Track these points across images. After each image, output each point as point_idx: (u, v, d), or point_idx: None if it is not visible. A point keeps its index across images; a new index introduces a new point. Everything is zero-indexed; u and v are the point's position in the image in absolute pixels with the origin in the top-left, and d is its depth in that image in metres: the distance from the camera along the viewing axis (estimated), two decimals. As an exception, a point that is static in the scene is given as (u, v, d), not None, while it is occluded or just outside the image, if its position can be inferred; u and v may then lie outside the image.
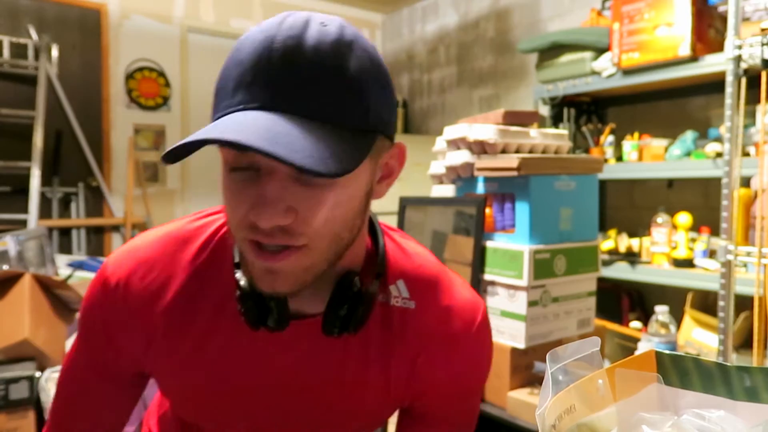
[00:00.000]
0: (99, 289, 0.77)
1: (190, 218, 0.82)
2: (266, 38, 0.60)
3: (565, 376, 0.47)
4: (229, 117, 0.59)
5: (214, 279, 0.76)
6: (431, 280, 0.81)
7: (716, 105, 2.57)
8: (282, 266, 0.63)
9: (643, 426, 0.43)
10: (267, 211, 0.59)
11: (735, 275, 2.00)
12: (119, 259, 0.78)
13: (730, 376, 0.44)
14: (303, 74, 0.59)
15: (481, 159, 1.83)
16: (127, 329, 0.76)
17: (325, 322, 0.71)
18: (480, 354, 0.83)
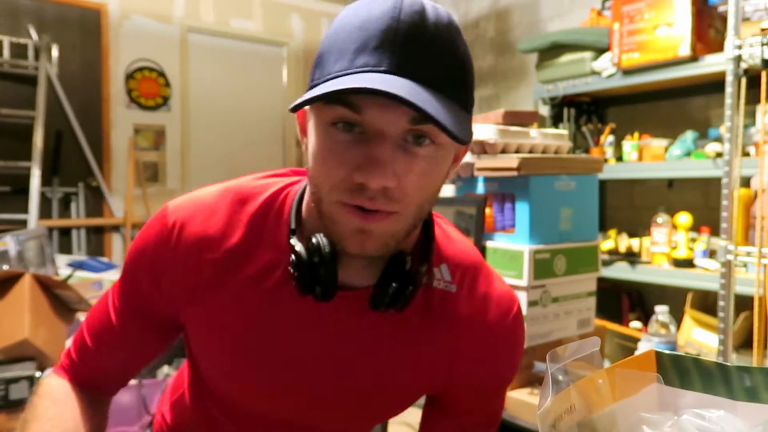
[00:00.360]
0: (156, 228, 0.78)
1: (254, 176, 0.83)
2: (393, 8, 0.61)
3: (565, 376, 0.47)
4: (359, 75, 0.60)
5: (267, 240, 0.76)
6: (473, 267, 0.83)
7: (716, 105, 2.57)
8: (375, 227, 0.65)
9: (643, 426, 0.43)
10: (379, 172, 0.61)
11: (735, 275, 2.00)
12: (181, 202, 0.79)
13: (730, 376, 0.44)
14: (427, 46, 0.62)
15: (481, 159, 1.83)
16: (175, 272, 0.76)
17: (374, 296, 0.72)
18: (513, 345, 0.84)
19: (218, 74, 4.54)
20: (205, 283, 0.76)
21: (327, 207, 0.67)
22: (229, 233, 0.76)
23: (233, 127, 4.60)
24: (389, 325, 0.78)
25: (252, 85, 4.68)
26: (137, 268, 0.80)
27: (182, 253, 0.76)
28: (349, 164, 0.63)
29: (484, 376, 0.83)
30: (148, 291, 0.79)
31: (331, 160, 0.64)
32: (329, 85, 0.59)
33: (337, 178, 0.64)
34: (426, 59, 0.62)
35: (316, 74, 0.66)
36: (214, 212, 0.77)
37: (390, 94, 0.56)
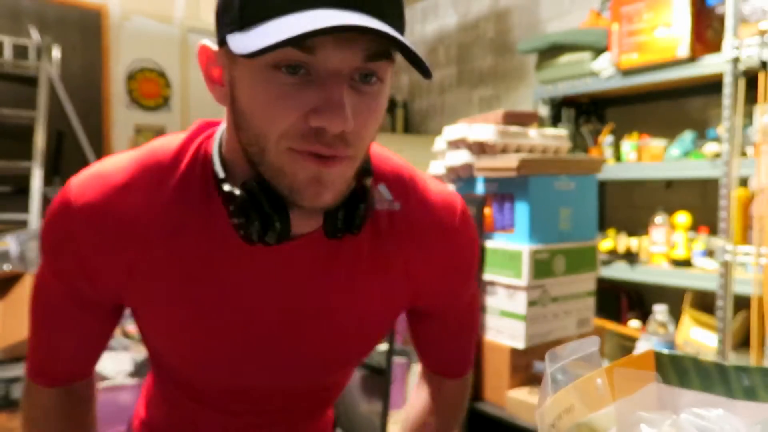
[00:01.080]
0: (65, 217, 0.70)
1: (159, 143, 0.75)
2: None
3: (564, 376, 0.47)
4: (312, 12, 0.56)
5: (197, 202, 0.71)
6: (409, 179, 0.81)
7: (715, 105, 2.57)
8: (332, 173, 0.61)
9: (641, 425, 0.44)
10: (340, 114, 0.57)
11: (733, 275, 2.00)
12: (86, 184, 0.70)
13: (728, 376, 0.44)
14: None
15: (481, 159, 1.84)
16: (103, 259, 0.70)
17: (326, 224, 0.68)
18: (467, 239, 0.84)
19: (218, 74, 4.54)
20: (143, 263, 0.71)
21: (275, 158, 0.61)
22: (151, 205, 0.70)
23: (233, 127, 4.60)
24: (343, 262, 0.75)
25: (252, 85, 4.68)
26: (59, 261, 0.73)
27: (106, 238, 0.69)
28: (302, 108, 0.58)
29: (449, 276, 0.84)
30: (80, 280, 0.73)
31: (279, 105, 0.59)
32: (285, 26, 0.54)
33: (286, 124, 0.59)
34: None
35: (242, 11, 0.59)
36: (131, 189, 0.70)
37: (362, 27, 0.53)
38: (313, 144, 0.59)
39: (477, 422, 1.80)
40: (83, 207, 0.69)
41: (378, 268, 0.77)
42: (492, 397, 1.78)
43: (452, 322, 0.91)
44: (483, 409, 1.78)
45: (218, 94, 0.68)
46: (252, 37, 0.56)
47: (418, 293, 0.82)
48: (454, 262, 0.83)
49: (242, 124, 0.63)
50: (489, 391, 1.79)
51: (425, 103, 4.67)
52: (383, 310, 0.81)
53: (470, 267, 0.87)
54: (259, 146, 0.62)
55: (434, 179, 0.86)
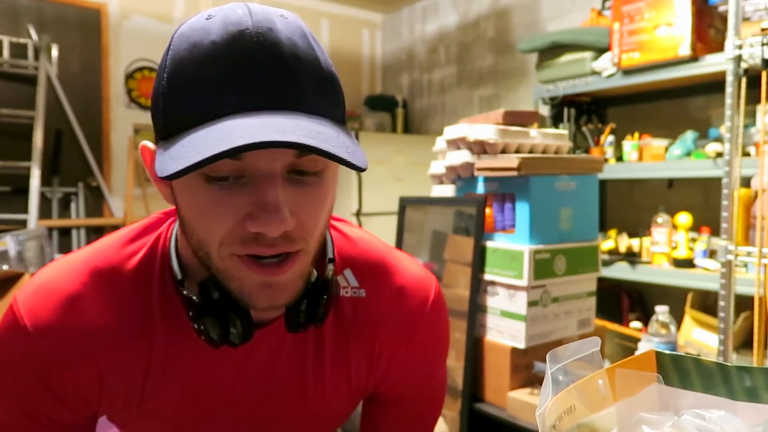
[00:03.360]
0: (16, 337, 0.66)
1: (111, 242, 0.73)
2: (238, 33, 0.55)
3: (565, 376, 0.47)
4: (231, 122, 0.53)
5: (158, 302, 0.69)
6: (378, 264, 0.79)
7: (716, 105, 2.57)
8: (283, 278, 0.60)
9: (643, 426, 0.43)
10: (276, 217, 0.55)
11: (735, 275, 2.00)
12: (34, 299, 0.67)
13: (730, 377, 0.44)
14: (290, 70, 0.56)
15: (481, 159, 1.83)
16: (70, 372, 0.67)
17: (288, 319, 0.67)
18: (437, 331, 0.82)
19: (218, 74, 4.54)
20: (109, 371, 0.68)
21: (220, 263, 0.60)
22: (109, 312, 0.67)
23: (233, 127, 4.59)
24: (309, 346, 0.75)
25: (252, 85, 4.68)
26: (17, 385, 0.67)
27: (68, 355, 0.66)
28: (237, 214, 0.57)
29: (415, 367, 0.81)
30: (48, 402, 0.68)
31: (213, 213, 0.57)
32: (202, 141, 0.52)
33: (224, 231, 0.58)
34: (292, 84, 0.56)
35: (168, 117, 0.57)
36: (80, 301, 0.67)
37: (279, 142, 0.50)
38: (254, 248, 0.58)
39: (477, 423, 1.79)
40: (38, 327, 0.65)
41: (342, 356, 0.76)
42: (492, 398, 1.77)
43: (414, 410, 0.86)
44: (483, 409, 1.78)
45: (164, 194, 0.66)
46: (170, 156, 0.54)
47: (381, 379, 0.81)
48: (420, 351, 0.81)
49: (186, 230, 0.63)
50: (489, 392, 1.78)
51: (425, 103, 4.67)
52: (349, 391, 0.79)
53: (437, 356, 0.85)
54: (204, 251, 0.61)
55: (410, 260, 0.84)
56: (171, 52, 0.58)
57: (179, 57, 0.57)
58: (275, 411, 0.77)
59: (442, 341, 0.84)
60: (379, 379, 0.80)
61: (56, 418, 0.70)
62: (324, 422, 0.82)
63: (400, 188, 3.93)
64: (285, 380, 0.75)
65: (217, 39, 0.55)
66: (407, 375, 0.81)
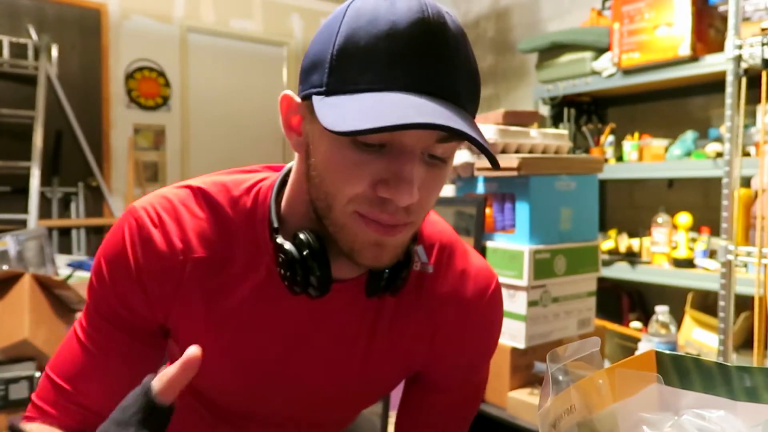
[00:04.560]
0: (128, 232, 0.74)
1: (221, 173, 0.80)
2: (418, 18, 0.60)
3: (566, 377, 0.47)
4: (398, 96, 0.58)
5: (245, 240, 0.75)
6: (448, 246, 0.83)
7: (716, 105, 2.57)
8: (392, 240, 0.65)
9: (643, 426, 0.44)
10: (408, 189, 0.60)
11: (735, 275, 2.00)
12: (149, 203, 0.75)
13: (730, 377, 0.44)
14: (455, 61, 0.61)
15: (481, 159, 1.83)
16: (156, 272, 0.73)
17: (369, 283, 0.73)
18: (492, 320, 0.85)
19: (218, 74, 4.54)
20: (187, 281, 0.74)
21: (340, 217, 0.65)
22: (206, 234, 0.74)
23: (233, 127, 4.60)
24: (370, 313, 0.78)
25: (252, 85, 4.68)
26: (116, 278, 0.75)
27: (160, 253, 0.73)
28: (373, 178, 0.62)
29: (463, 353, 0.84)
30: (132, 298, 0.75)
31: (352, 172, 0.62)
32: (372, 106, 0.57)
33: (357, 190, 0.63)
34: (455, 76, 0.61)
35: (333, 77, 0.61)
36: (187, 211, 0.75)
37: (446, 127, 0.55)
38: (378, 213, 0.63)
39: (477, 423, 1.79)
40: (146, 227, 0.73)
41: (399, 325, 0.80)
42: (492, 398, 1.77)
43: (453, 400, 0.88)
44: (483, 409, 1.78)
45: (294, 142, 0.71)
46: (338, 113, 0.58)
47: (430, 360, 0.83)
48: (470, 339, 0.84)
49: (314, 179, 0.67)
50: (489, 392, 1.78)
51: (426, 103, 4.66)
52: (397, 364, 0.82)
53: (487, 348, 0.88)
54: (327, 203, 0.66)
55: (477, 253, 0.87)
56: (346, 19, 0.62)
57: (356, 26, 0.61)
58: (330, 368, 0.79)
59: (492, 336, 0.87)
60: (429, 356, 0.83)
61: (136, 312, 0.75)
62: (368, 391, 0.84)
63: (400, 188, 3.92)
64: (346, 339, 0.78)
65: (395, 18, 0.59)
66: (455, 360, 0.84)
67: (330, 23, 0.64)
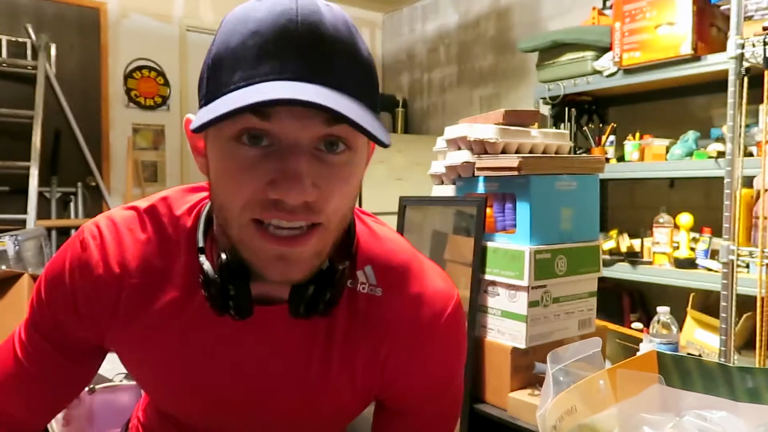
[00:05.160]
0: (71, 254, 0.74)
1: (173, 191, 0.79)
2: (285, 11, 0.58)
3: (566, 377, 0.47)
4: (264, 84, 0.56)
5: (184, 262, 0.73)
6: (401, 267, 0.78)
7: (718, 104, 2.57)
8: (298, 251, 0.62)
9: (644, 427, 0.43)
10: (297, 186, 0.57)
11: (737, 275, 1.99)
12: (97, 226, 0.75)
13: (731, 377, 0.44)
14: (330, 49, 0.59)
15: (482, 159, 1.83)
16: (94, 296, 0.73)
17: (291, 303, 0.68)
18: (450, 346, 0.80)
19: (218, 74, 4.55)
20: (125, 306, 0.73)
21: (238, 231, 0.62)
22: (146, 257, 0.73)
23: (233, 127, 4.60)
24: (316, 335, 0.74)
25: (252, 84, 4.68)
26: (54, 298, 0.76)
27: (97, 278, 0.73)
28: (261, 179, 0.59)
29: (421, 378, 0.80)
30: (67, 319, 0.75)
31: (239, 176, 0.59)
32: (234, 99, 0.55)
33: (247, 195, 0.59)
34: (331, 63, 0.59)
35: (210, 85, 0.61)
36: (130, 234, 0.74)
37: (306, 101, 0.53)
38: (274, 213, 0.59)
39: (478, 423, 1.79)
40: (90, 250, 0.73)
41: (349, 351, 0.76)
42: (493, 399, 1.77)
43: (420, 423, 0.85)
44: (484, 410, 1.77)
45: (200, 165, 0.69)
46: (206, 111, 0.57)
47: (388, 385, 0.79)
48: (428, 364, 0.79)
49: (212, 195, 0.66)
50: (490, 393, 1.78)
51: (426, 103, 4.67)
52: (353, 390, 0.78)
53: (448, 373, 0.83)
54: (224, 218, 0.64)
55: (436, 270, 0.82)
56: (220, 29, 0.62)
57: (225, 31, 0.61)
58: (272, 394, 0.77)
59: (454, 358, 0.82)
60: (384, 383, 0.79)
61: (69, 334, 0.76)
62: (325, 417, 0.81)
63: (400, 188, 3.93)
64: (288, 364, 0.75)
65: (261, 16, 0.58)
66: (413, 385, 0.80)
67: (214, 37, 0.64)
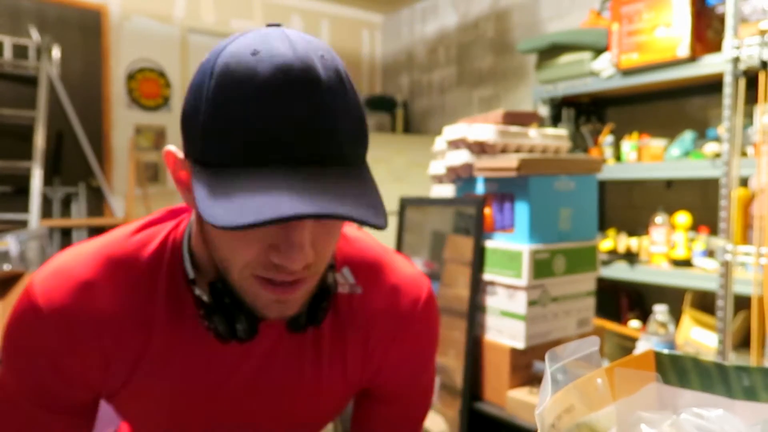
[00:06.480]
0: (34, 321, 0.69)
1: (125, 233, 0.76)
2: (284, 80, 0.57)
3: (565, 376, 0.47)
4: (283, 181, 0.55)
5: (165, 295, 0.73)
6: (374, 263, 0.84)
7: (715, 105, 2.57)
8: (294, 296, 0.66)
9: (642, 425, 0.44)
10: (300, 255, 0.60)
11: (733, 275, 2.00)
12: (51, 285, 0.70)
13: (728, 376, 0.44)
14: (332, 124, 0.58)
15: (481, 159, 1.84)
16: (78, 357, 0.70)
17: (290, 321, 0.72)
18: (426, 330, 0.86)
19: (218, 74, 4.54)
20: (112, 353, 0.72)
21: (239, 281, 0.65)
22: (119, 301, 0.71)
23: (233, 127, 4.59)
24: (307, 342, 0.79)
25: (252, 85, 4.68)
26: (28, 367, 0.71)
27: (78, 337, 0.70)
28: (264, 243, 0.61)
29: (405, 362, 0.86)
30: (54, 381, 0.72)
31: (242, 242, 0.61)
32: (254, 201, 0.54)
33: (249, 257, 0.62)
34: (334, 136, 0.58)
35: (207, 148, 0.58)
36: (96, 286, 0.70)
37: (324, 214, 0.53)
38: (274, 274, 0.63)
39: (477, 422, 1.80)
40: (52, 310, 0.69)
41: (338, 350, 0.81)
42: (492, 397, 1.78)
43: (402, 408, 0.91)
44: (483, 408, 1.78)
45: (186, 198, 0.69)
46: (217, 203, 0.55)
47: (374, 375, 0.85)
48: (410, 348, 0.85)
49: (210, 242, 0.67)
50: (489, 391, 1.79)
51: (425, 103, 4.67)
52: (344, 385, 0.83)
53: (426, 355, 0.89)
54: (224, 267, 0.66)
55: (405, 261, 0.88)
56: (216, 79, 0.58)
57: (226, 90, 0.57)
58: (269, 403, 0.80)
59: (430, 341, 0.88)
60: (372, 373, 0.84)
61: (62, 397, 0.73)
62: (318, 414, 0.85)
63: (400, 188, 3.93)
64: (281, 374, 0.78)
65: (264, 85, 0.56)
66: (398, 371, 0.86)
67: (198, 82, 0.60)
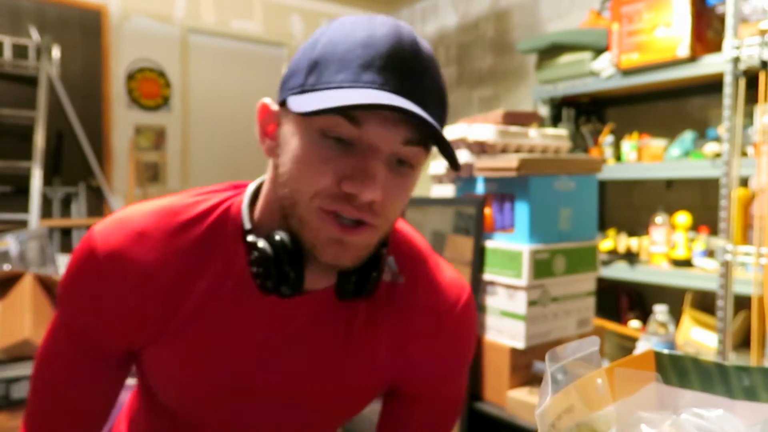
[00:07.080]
0: (88, 262, 0.73)
1: (187, 194, 0.79)
2: (395, 33, 0.65)
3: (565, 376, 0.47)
4: (368, 91, 0.62)
5: (213, 252, 0.74)
6: (420, 257, 0.84)
7: (715, 105, 2.58)
8: (354, 239, 0.66)
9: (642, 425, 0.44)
10: (372, 185, 0.63)
11: (733, 275, 2.00)
12: (110, 230, 0.73)
13: (728, 376, 0.44)
14: (424, 73, 0.66)
15: (481, 159, 1.84)
16: (122, 304, 0.72)
17: (339, 285, 0.73)
18: (463, 334, 0.85)
19: (219, 75, 4.54)
20: (154, 312, 0.73)
21: (305, 213, 0.66)
22: (168, 256, 0.72)
23: (233, 128, 4.60)
24: (341, 324, 0.78)
25: (252, 85, 4.68)
26: (78, 307, 0.75)
27: (127, 284, 0.72)
28: (338, 173, 0.64)
29: (437, 364, 0.83)
30: (95, 326, 0.74)
31: (319, 167, 0.64)
32: (342, 96, 0.60)
33: (322, 185, 0.64)
34: (423, 85, 0.65)
35: (310, 79, 0.65)
36: (150, 236, 0.73)
37: (409, 111, 0.59)
38: (342, 205, 0.64)
39: (477, 422, 1.80)
40: (105, 253, 0.72)
41: (370, 336, 0.79)
42: (492, 397, 1.78)
43: (429, 413, 0.88)
44: (483, 408, 1.78)
45: (267, 147, 0.73)
46: (309, 100, 0.62)
47: (403, 371, 0.83)
48: (443, 350, 0.83)
49: (282, 177, 0.68)
50: (489, 391, 1.79)
51: (425, 103, 4.66)
52: (370, 375, 0.81)
53: (460, 361, 0.87)
54: (292, 200, 0.67)
55: (450, 266, 0.88)
56: (328, 31, 0.67)
57: (337, 36, 0.66)
58: (300, 376, 0.79)
59: (466, 347, 0.86)
60: (401, 369, 0.82)
61: (100, 343, 0.76)
62: (342, 399, 0.83)
63: (400, 188, 3.92)
64: (315, 347, 0.78)
65: (374, 33, 0.65)
66: (428, 373, 0.83)
67: (313, 37, 0.68)
